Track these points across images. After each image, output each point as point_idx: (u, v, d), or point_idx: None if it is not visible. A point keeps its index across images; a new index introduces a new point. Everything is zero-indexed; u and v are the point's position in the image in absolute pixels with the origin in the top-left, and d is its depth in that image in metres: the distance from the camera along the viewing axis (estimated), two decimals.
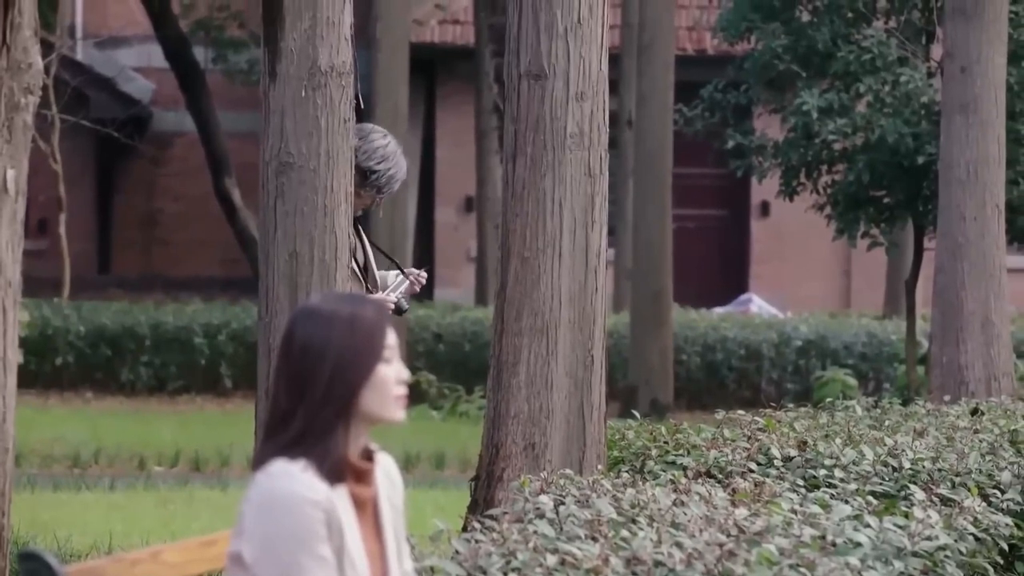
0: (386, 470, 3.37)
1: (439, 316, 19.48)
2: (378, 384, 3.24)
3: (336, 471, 3.20)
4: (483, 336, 18.00)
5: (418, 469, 13.36)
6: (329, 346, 3.20)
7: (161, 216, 25.66)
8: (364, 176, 6.81)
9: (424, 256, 23.67)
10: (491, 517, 5.17)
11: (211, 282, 23.48)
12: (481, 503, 6.74)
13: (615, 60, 8.31)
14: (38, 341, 17.85)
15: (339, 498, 3.20)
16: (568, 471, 6.07)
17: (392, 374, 3.26)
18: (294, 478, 3.17)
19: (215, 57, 23.51)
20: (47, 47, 17.61)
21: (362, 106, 6.28)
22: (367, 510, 3.28)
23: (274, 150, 6.11)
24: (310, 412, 3.19)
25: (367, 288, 7.09)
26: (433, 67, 23.50)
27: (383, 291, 7.19)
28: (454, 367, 18.58)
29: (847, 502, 5.42)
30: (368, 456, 3.32)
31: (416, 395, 17.96)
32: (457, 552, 4.37)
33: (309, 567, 3.14)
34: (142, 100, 25.26)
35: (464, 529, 5.86)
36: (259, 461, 3.22)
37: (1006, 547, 6.16)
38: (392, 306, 6.97)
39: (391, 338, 3.28)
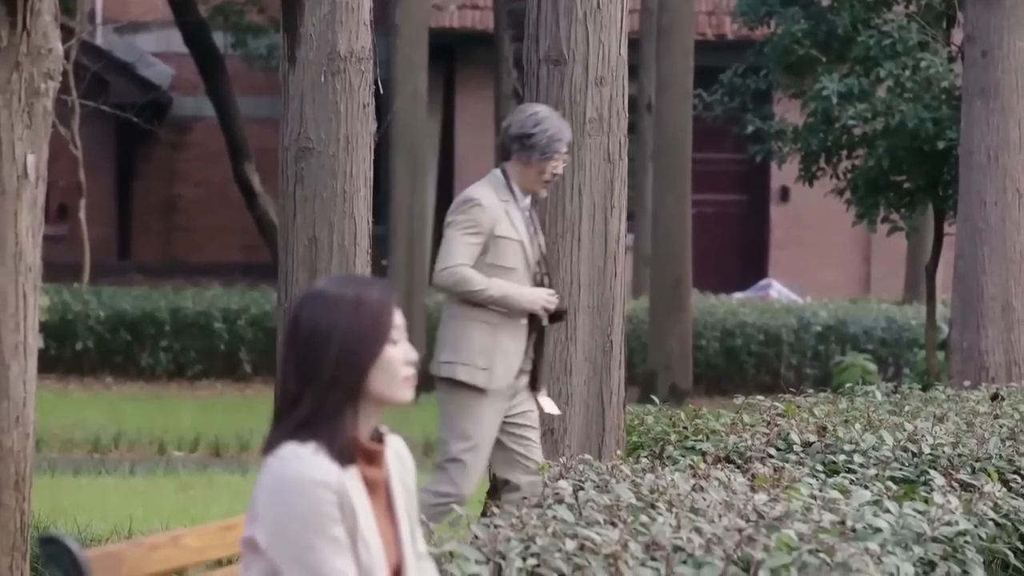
0: (397, 452, 3.37)
1: None
2: (385, 365, 3.24)
3: (346, 453, 3.20)
4: None
5: (437, 454, 13.36)
6: (335, 329, 3.21)
7: (181, 201, 25.70)
8: (522, 144, 6.60)
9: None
10: (511, 502, 5.17)
11: (231, 267, 23.50)
12: (500, 488, 6.75)
13: (634, 45, 8.31)
14: (58, 326, 17.90)
15: (350, 479, 3.21)
16: (587, 456, 6.07)
17: (399, 355, 3.26)
18: (304, 461, 3.17)
19: (234, 42, 23.51)
20: (67, 32, 17.61)
21: (381, 91, 6.28)
22: (379, 491, 3.28)
23: (293, 135, 6.11)
24: (319, 395, 3.20)
25: (547, 279, 6.73)
26: (453, 52, 23.49)
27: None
28: None
29: (867, 487, 5.41)
30: (379, 438, 3.32)
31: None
32: (476, 537, 4.37)
33: (323, 549, 3.14)
34: (162, 85, 25.29)
35: (483, 514, 5.86)
36: (270, 446, 3.23)
37: None
38: (554, 305, 6.64)
39: (398, 319, 3.28)
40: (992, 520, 5.58)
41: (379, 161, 6.54)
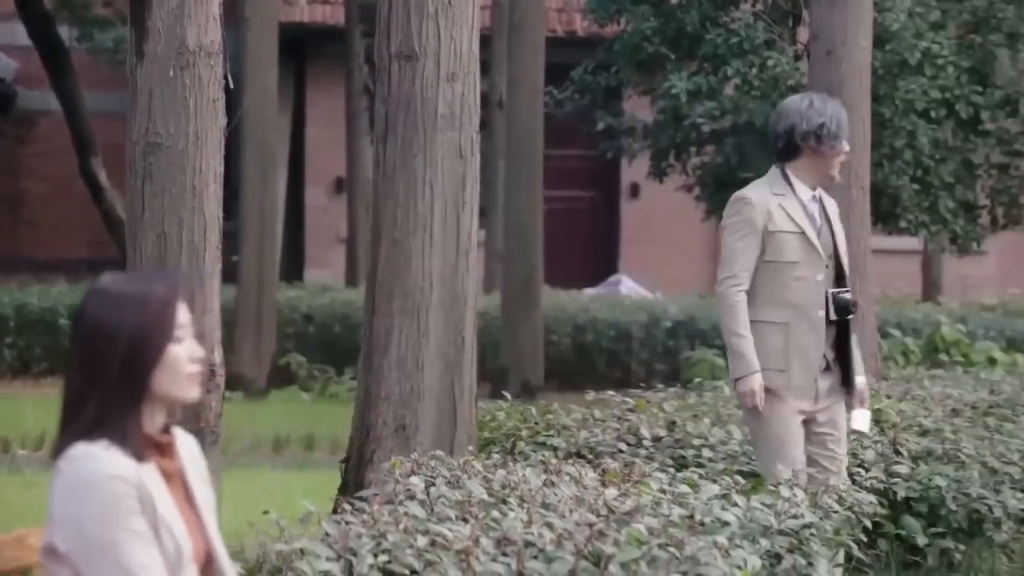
0: (187, 446, 3.34)
1: (309, 297, 19.39)
2: (170, 364, 3.20)
3: (138, 449, 3.16)
4: (353, 318, 17.94)
5: (288, 451, 13.28)
6: (120, 327, 3.16)
7: (26, 196, 25.31)
8: (817, 137, 6.48)
9: (294, 237, 23.54)
10: (362, 499, 5.16)
11: (77, 263, 23.18)
12: (352, 485, 6.73)
13: (486, 41, 8.27)
14: None
15: (146, 472, 3.17)
16: (439, 452, 6.08)
17: (184, 353, 3.22)
18: (97, 458, 3.12)
19: (80, 36, 23.20)
20: None
21: (231, 86, 6.22)
22: (176, 482, 3.25)
23: (141, 130, 6.04)
24: (105, 394, 3.15)
25: (835, 262, 6.51)
26: (303, 47, 23.36)
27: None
28: (324, 349, 18.51)
29: (715, 482, 5.47)
30: (166, 430, 3.29)
31: (286, 377, 17.87)
32: (327, 534, 4.36)
33: (126, 543, 3.09)
34: (6, 78, 24.85)
35: (334, 511, 5.84)
36: (59, 449, 3.17)
37: (870, 524, 6.26)
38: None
39: (183, 316, 3.23)
40: (837, 512, 5.67)
41: (229, 156, 6.47)
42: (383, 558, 4.23)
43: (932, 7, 13.85)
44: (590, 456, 6.54)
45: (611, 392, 8.13)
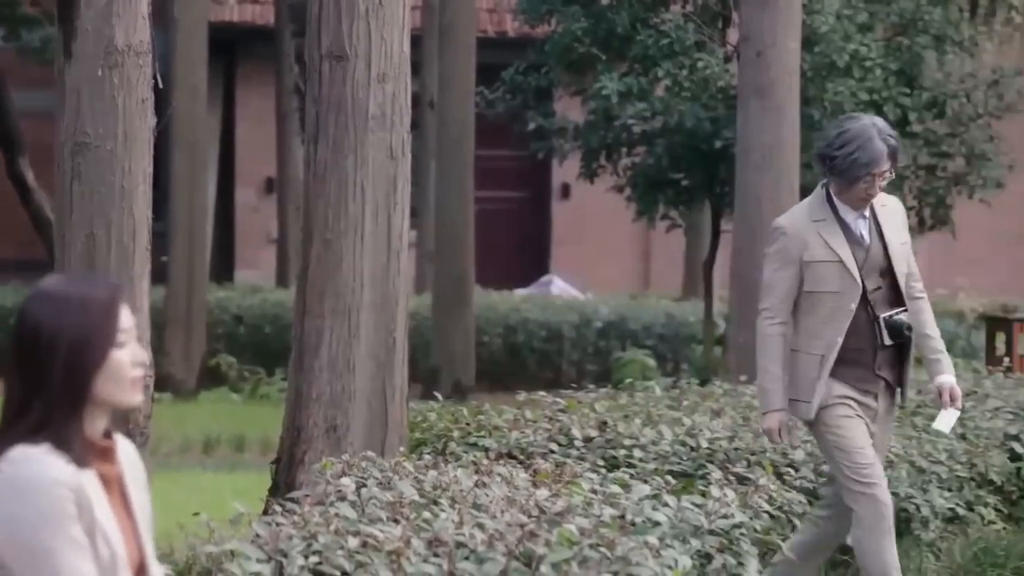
0: (127, 452, 3.32)
1: (239, 298, 19.32)
2: (113, 371, 3.16)
3: (79, 455, 3.14)
4: (284, 318, 17.88)
5: (218, 452, 13.23)
6: (60, 332, 3.12)
7: None
8: (823, 164, 6.30)
9: (224, 237, 23.44)
10: (292, 500, 5.15)
11: (4, 264, 23.00)
12: (282, 486, 6.71)
13: (416, 41, 8.28)
14: None
15: (87, 477, 3.15)
16: (370, 453, 6.07)
17: (127, 357, 3.19)
18: (38, 461, 3.10)
19: (6, 35, 23.01)
20: None
21: (160, 86, 6.19)
22: (114, 488, 3.23)
23: (70, 130, 6.00)
24: (47, 400, 3.12)
25: (890, 280, 6.36)
26: (233, 47, 23.27)
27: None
28: (255, 349, 18.44)
29: (646, 482, 5.49)
30: (108, 435, 3.27)
31: (216, 377, 17.80)
32: (258, 535, 4.35)
33: (62, 550, 3.07)
34: None
35: (265, 512, 5.83)
36: None
37: (799, 524, 6.30)
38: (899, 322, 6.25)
39: (125, 320, 3.20)
40: (767, 512, 5.70)
41: (158, 156, 6.44)
42: (314, 559, 4.22)
43: (860, 9, 13.95)
44: (521, 457, 6.55)
45: (542, 392, 8.14)
